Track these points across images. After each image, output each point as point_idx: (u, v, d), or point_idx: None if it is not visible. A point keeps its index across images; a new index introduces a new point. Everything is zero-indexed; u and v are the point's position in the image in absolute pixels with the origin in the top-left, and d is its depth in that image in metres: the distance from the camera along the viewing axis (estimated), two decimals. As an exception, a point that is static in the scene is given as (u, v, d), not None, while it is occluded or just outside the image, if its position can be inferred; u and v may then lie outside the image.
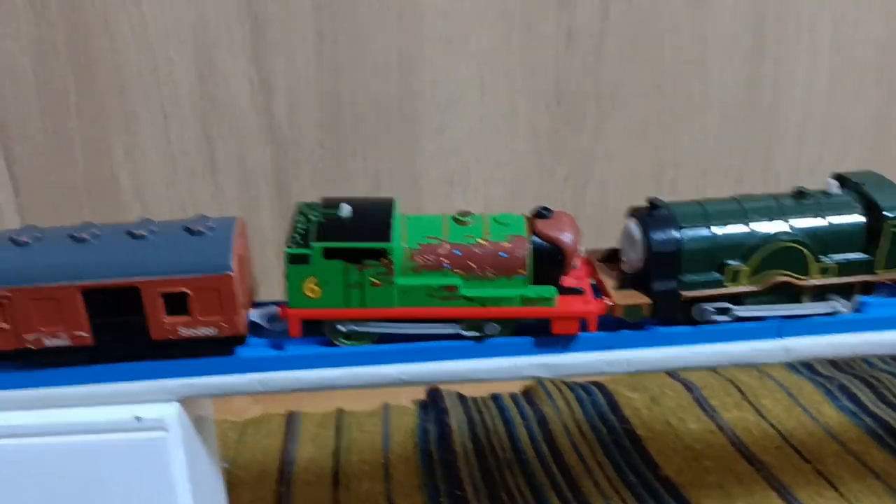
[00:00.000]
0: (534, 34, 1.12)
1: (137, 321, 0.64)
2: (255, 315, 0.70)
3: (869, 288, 0.70)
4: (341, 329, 0.67)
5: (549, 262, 0.66)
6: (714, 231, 0.67)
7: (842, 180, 0.71)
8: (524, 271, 0.66)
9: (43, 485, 0.66)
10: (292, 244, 0.65)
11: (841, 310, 0.70)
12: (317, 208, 0.68)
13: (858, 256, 0.69)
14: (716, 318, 0.68)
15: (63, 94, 1.08)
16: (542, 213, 0.67)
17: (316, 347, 0.68)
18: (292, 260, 0.65)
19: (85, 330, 0.64)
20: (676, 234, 0.67)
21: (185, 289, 0.63)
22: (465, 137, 1.17)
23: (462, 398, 1.16)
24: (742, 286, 0.68)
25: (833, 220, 0.68)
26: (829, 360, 1.22)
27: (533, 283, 0.67)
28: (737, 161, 1.24)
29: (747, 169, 1.24)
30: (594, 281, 0.72)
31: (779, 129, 1.23)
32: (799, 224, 0.68)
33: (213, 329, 0.65)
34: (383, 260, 0.65)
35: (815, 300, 0.70)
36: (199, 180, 1.14)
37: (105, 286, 0.63)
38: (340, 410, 1.14)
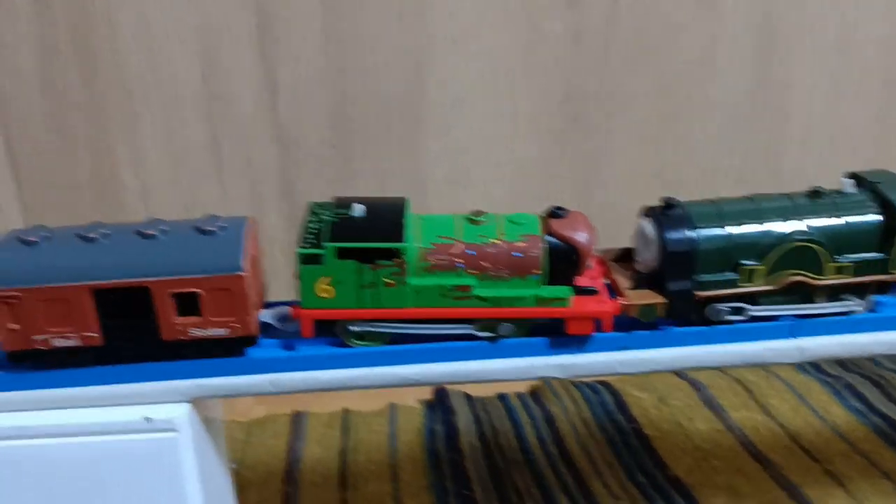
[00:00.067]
0: (541, 34, 1.12)
1: (148, 322, 0.64)
2: (267, 315, 0.69)
3: (884, 287, 0.70)
4: (354, 329, 0.66)
5: (564, 262, 0.66)
6: (729, 230, 0.67)
7: (856, 179, 0.70)
8: (538, 271, 0.65)
9: (52, 486, 0.65)
10: (305, 244, 0.64)
11: (855, 309, 0.69)
12: (329, 208, 0.67)
13: (873, 256, 0.68)
14: (730, 318, 0.68)
15: (66, 94, 1.07)
16: (557, 213, 0.67)
17: (328, 348, 0.68)
18: (305, 260, 0.64)
19: (94, 330, 0.64)
20: (692, 234, 0.66)
21: (197, 289, 0.63)
22: (471, 137, 1.16)
23: (469, 398, 1.16)
24: (757, 286, 0.67)
25: (848, 220, 0.68)
26: (836, 360, 1.22)
27: (547, 283, 0.66)
28: (742, 161, 1.23)
29: (752, 169, 1.23)
30: (608, 281, 0.71)
31: (784, 130, 1.23)
32: (814, 223, 0.67)
33: (225, 330, 0.64)
34: (396, 260, 0.64)
35: (830, 300, 0.69)
36: (204, 180, 1.13)
37: (115, 286, 0.62)
38: (346, 411, 1.13)
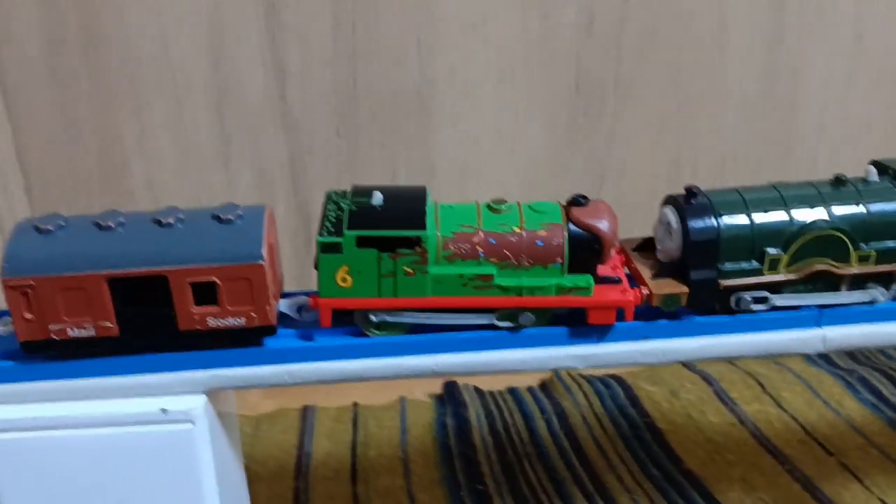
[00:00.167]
0: (553, 21, 1.11)
1: (165, 311, 0.62)
2: (283, 305, 0.68)
3: (909, 276, 0.69)
4: (373, 319, 0.65)
5: (586, 251, 0.65)
6: (753, 219, 0.66)
7: (880, 167, 0.69)
8: (560, 260, 0.65)
9: (67, 478, 0.64)
10: (324, 232, 0.63)
11: (879, 298, 0.69)
12: (347, 196, 0.66)
13: (898, 244, 0.68)
14: (754, 308, 0.67)
15: (74, 84, 1.05)
16: (579, 201, 0.66)
17: (346, 338, 0.66)
18: (324, 249, 0.63)
19: (111, 320, 0.62)
20: (715, 223, 0.66)
21: (215, 278, 0.62)
22: (482, 126, 1.15)
23: (479, 391, 1.15)
24: (781, 275, 0.66)
25: (873, 208, 0.67)
26: (848, 353, 1.21)
27: (569, 272, 0.65)
28: (755, 150, 1.22)
29: (766, 158, 1.23)
30: (628, 270, 0.70)
31: (798, 118, 1.22)
32: (838, 211, 0.67)
33: (243, 319, 0.63)
34: (417, 248, 0.63)
35: (853, 289, 0.68)
36: (213, 169, 1.12)
37: (132, 275, 0.61)
38: (356, 405, 1.13)
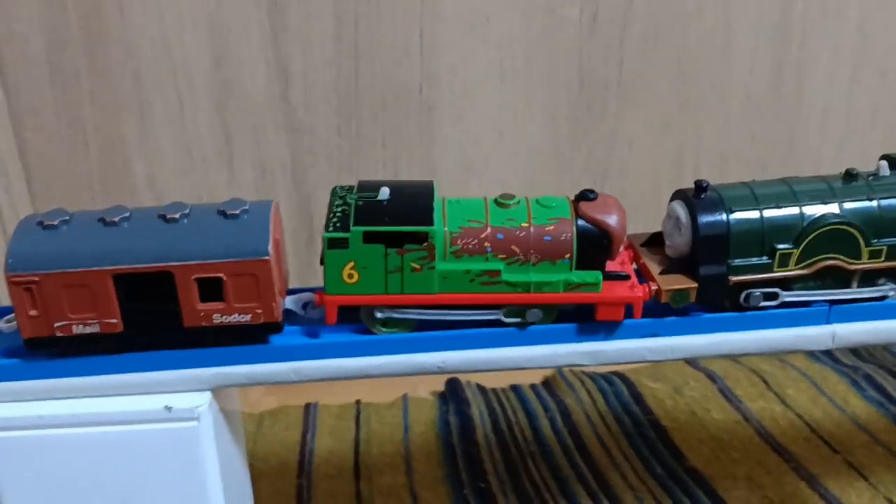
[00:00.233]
0: (556, 19, 1.10)
1: (170, 307, 0.62)
2: (289, 302, 0.68)
3: (920, 272, 0.68)
4: (379, 316, 0.65)
5: (595, 246, 0.64)
6: (763, 214, 0.65)
7: (892, 161, 0.69)
8: (569, 255, 0.64)
9: (71, 476, 0.64)
10: (331, 228, 0.62)
11: (890, 294, 0.68)
12: (354, 192, 0.65)
13: (910, 239, 0.67)
14: (763, 304, 0.66)
15: (76, 80, 1.05)
16: (587, 195, 0.65)
17: (352, 335, 0.66)
18: (331, 244, 0.62)
19: (115, 317, 0.62)
20: (725, 217, 0.65)
21: (221, 274, 0.61)
22: (485, 124, 1.15)
23: (482, 389, 1.14)
24: (791, 270, 0.66)
25: (884, 203, 0.66)
26: (852, 350, 1.21)
27: (577, 268, 0.65)
28: (758, 148, 1.22)
29: (769, 156, 1.22)
30: (636, 265, 0.70)
31: (802, 116, 1.21)
32: (849, 206, 0.66)
33: (248, 316, 0.63)
34: (425, 244, 0.62)
35: (864, 284, 0.68)
36: (214, 168, 1.11)
37: (137, 271, 0.60)
38: (359, 402, 1.12)
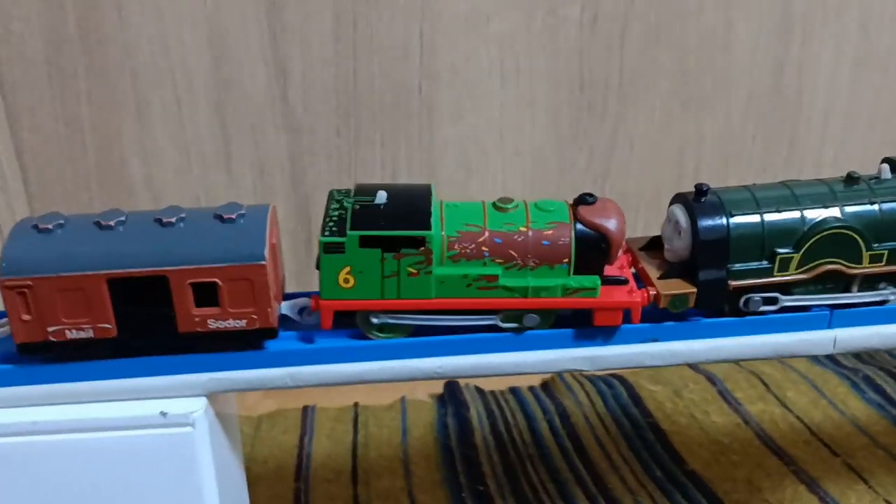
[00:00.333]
0: (557, 18, 1.09)
1: (164, 312, 0.61)
2: (285, 307, 0.67)
3: (921, 277, 0.68)
4: (374, 321, 0.64)
5: (594, 251, 0.63)
6: (764, 218, 0.65)
7: (893, 165, 0.68)
8: (567, 260, 0.63)
9: (65, 483, 0.63)
10: (327, 232, 0.62)
11: (891, 298, 0.68)
12: (351, 195, 0.65)
13: (911, 243, 0.66)
14: (764, 309, 0.66)
15: (73, 80, 1.04)
16: (586, 199, 0.65)
17: (348, 340, 0.65)
18: (327, 249, 0.61)
19: (109, 321, 0.61)
20: (725, 222, 0.64)
21: (216, 279, 0.60)
22: (485, 124, 1.14)
23: (480, 392, 1.14)
24: (791, 275, 0.65)
25: (885, 206, 0.66)
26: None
27: (575, 273, 0.64)
28: (760, 148, 1.21)
29: (770, 156, 1.22)
30: (635, 270, 0.69)
31: (803, 116, 1.21)
32: (851, 210, 0.65)
33: (244, 321, 0.62)
34: (422, 249, 0.62)
35: (864, 289, 0.67)
36: (212, 169, 1.11)
37: (131, 275, 0.60)
38: (357, 405, 1.11)
